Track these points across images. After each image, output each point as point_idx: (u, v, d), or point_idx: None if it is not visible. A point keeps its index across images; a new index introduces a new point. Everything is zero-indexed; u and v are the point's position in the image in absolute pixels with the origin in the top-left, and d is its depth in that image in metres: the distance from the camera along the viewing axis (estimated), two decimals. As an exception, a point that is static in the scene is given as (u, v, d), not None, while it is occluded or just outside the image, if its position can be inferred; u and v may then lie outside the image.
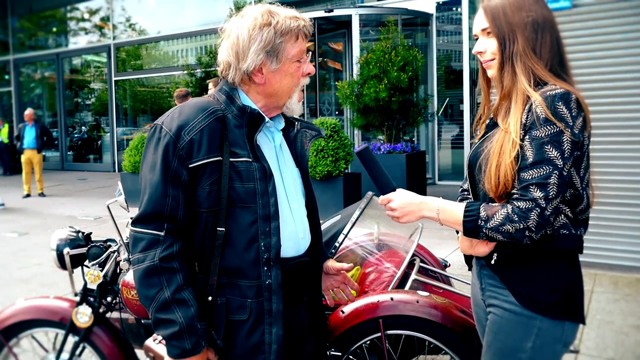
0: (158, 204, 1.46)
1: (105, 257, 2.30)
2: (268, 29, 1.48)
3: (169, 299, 1.44)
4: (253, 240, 1.49)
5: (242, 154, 1.50)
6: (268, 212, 1.49)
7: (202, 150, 1.45)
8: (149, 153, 1.51)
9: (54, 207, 9.64)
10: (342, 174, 7.56)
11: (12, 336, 2.38)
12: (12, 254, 6.34)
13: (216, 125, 1.49)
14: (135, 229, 1.49)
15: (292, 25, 1.50)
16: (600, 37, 4.79)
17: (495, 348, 1.57)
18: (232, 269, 1.50)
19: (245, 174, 1.48)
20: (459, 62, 10.75)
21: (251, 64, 1.50)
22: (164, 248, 1.45)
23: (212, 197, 1.47)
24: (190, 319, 1.44)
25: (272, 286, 1.50)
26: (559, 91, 1.42)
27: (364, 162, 1.68)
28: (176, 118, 1.49)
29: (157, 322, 1.46)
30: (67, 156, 17.23)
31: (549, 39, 1.50)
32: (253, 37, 1.48)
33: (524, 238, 1.42)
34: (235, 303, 1.50)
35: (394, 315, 2.10)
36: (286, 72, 1.54)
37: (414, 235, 2.77)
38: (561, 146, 1.40)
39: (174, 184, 1.46)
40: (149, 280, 1.45)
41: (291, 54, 1.52)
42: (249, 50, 1.49)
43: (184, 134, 1.46)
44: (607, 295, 4.32)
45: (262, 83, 1.54)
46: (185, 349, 1.44)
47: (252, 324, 1.50)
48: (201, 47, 14.64)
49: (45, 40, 17.95)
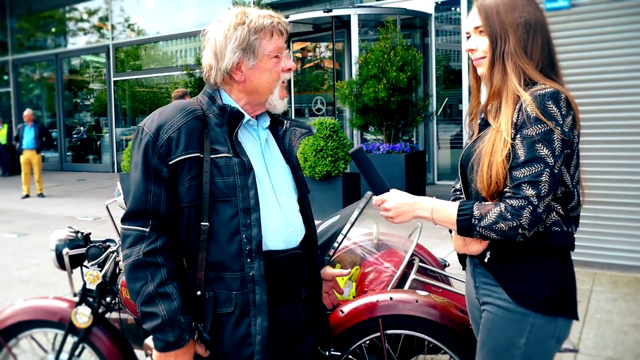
0: (141, 201, 1.53)
1: (104, 257, 2.30)
2: (242, 27, 1.56)
3: (152, 292, 1.49)
4: (235, 232, 1.53)
5: (222, 150, 1.55)
6: (248, 204, 1.54)
7: (180, 147, 1.52)
8: (133, 154, 1.59)
9: (53, 207, 9.64)
10: (341, 174, 7.57)
11: (12, 337, 2.38)
12: (11, 254, 6.34)
13: (195, 123, 1.55)
14: (124, 226, 1.56)
15: (266, 22, 1.58)
16: (599, 37, 4.79)
17: (489, 345, 1.58)
18: (217, 262, 1.54)
19: (225, 169, 1.54)
20: (457, 62, 10.75)
21: (229, 62, 1.57)
22: (148, 243, 1.51)
23: (192, 192, 1.53)
24: (173, 312, 1.49)
25: (256, 277, 1.53)
26: (548, 90, 1.44)
27: (357, 162, 1.69)
28: (156, 119, 1.57)
29: (143, 316, 1.52)
30: (66, 157, 17.22)
31: (540, 41, 1.52)
32: (228, 36, 1.56)
33: (517, 236, 1.43)
34: (222, 296, 1.54)
35: (393, 315, 2.11)
36: (264, 68, 1.60)
37: (413, 235, 2.77)
38: (552, 144, 1.42)
39: (155, 181, 1.52)
40: (135, 274, 1.51)
41: (267, 50, 1.59)
42: (226, 49, 1.57)
43: (162, 133, 1.53)
44: (606, 294, 4.32)
45: (242, 81, 1.61)
46: (168, 341, 1.48)
47: (237, 316, 1.54)
48: (200, 48, 14.60)
49: (44, 40, 17.94)
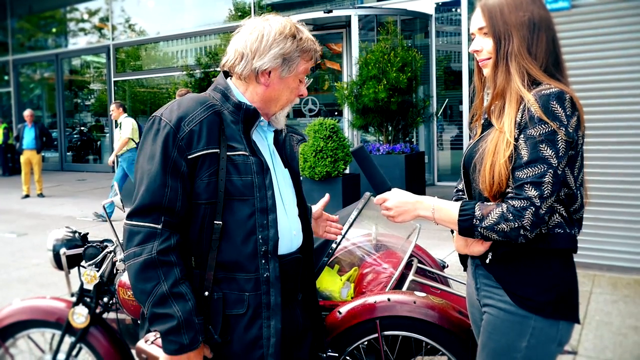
0: (157, 195, 1.45)
1: (101, 257, 2.30)
2: (293, 40, 1.56)
3: (166, 292, 1.43)
4: (251, 233, 1.50)
5: (239, 148, 1.52)
6: (266, 204, 1.51)
7: (201, 141, 1.47)
8: (147, 144, 1.51)
9: (53, 207, 9.63)
10: (341, 175, 7.56)
11: (9, 336, 2.37)
12: (10, 254, 6.34)
13: (214, 118, 1.52)
14: (131, 222, 1.47)
15: (312, 47, 1.61)
16: (599, 38, 4.78)
17: (490, 348, 1.57)
18: (230, 262, 1.50)
19: (243, 167, 1.50)
20: (458, 63, 10.74)
21: (266, 64, 1.55)
22: (161, 241, 1.44)
23: (211, 189, 1.48)
24: (188, 313, 1.43)
25: (270, 279, 1.50)
26: (553, 90, 1.42)
27: (359, 161, 1.69)
28: (175, 110, 1.52)
29: (154, 317, 1.45)
30: (66, 157, 17.21)
31: (545, 39, 1.50)
32: (277, 41, 1.55)
33: (519, 237, 1.42)
34: (232, 297, 1.50)
35: (391, 316, 2.10)
36: (289, 85, 1.61)
37: (412, 236, 2.76)
38: (555, 145, 1.40)
39: (173, 174, 1.46)
40: (146, 273, 1.43)
41: (299, 71, 1.60)
42: (270, 50, 1.54)
43: (184, 125, 1.48)
44: (606, 296, 4.31)
45: (265, 84, 1.59)
46: (183, 344, 1.43)
47: (249, 318, 1.50)
48: (200, 48, 14.63)
49: (45, 41, 17.93)
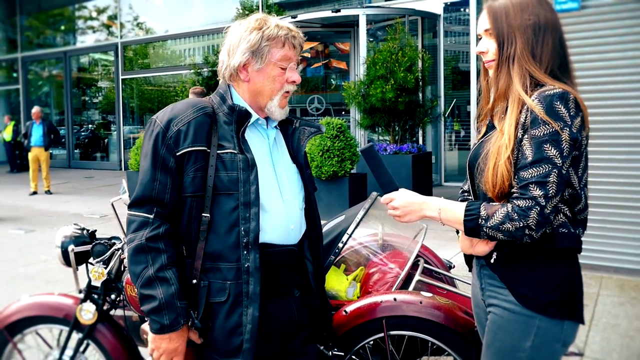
0: (147, 188, 1.62)
1: (109, 254, 2.31)
2: (257, 32, 1.66)
3: (152, 276, 1.58)
4: (234, 225, 1.61)
5: (228, 147, 1.65)
6: (249, 199, 1.61)
7: (187, 139, 1.61)
8: (144, 144, 1.68)
9: (60, 204, 9.68)
10: (347, 175, 7.56)
11: (17, 332, 2.39)
12: (18, 250, 6.38)
13: (204, 119, 1.65)
14: (130, 212, 1.65)
15: (280, 33, 1.68)
16: (608, 39, 4.76)
17: (495, 348, 1.57)
18: (215, 252, 1.62)
19: (230, 164, 1.62)
20: (466, 63, 10.71)
21: (237, 61, 1.68)
22: (151, 229, 1.60)
23: (196, 183, 1.61)
24: (170, 296, 1.57)
25: (250, 269, 1.60)
26: (557, 91, 1.43)
27: (368, 160, 1.70)
28: (168, 112, 1.68)
29: (142, 298, 1.60)
30: (74, 154, 17.30)
31: (551, 42, 1.49)
32: (243, 37, 1.67)
33: (524, 236, 1.42)
34: (217, 286, 1.62)
35: (397, 316, 2.10)
36: (269, 74, 1.69)
37: (419, 236, 2.76)
38: (560, 145, 1.41)
39: (162, 170, 1.62)
40: (137, 257, 1.60)
41: (275, 58, 1.68)
42: (238, 48, 1.68)
43: (172, 126, 1.63)
44: (613, 298, 4.30)
45: (246, 80, 1.71)
46: (164, 324, 1.57)
47: (230, 306, 1.61)
48: (208, 47, 14.67)
49: (53, 38, 18.04)
